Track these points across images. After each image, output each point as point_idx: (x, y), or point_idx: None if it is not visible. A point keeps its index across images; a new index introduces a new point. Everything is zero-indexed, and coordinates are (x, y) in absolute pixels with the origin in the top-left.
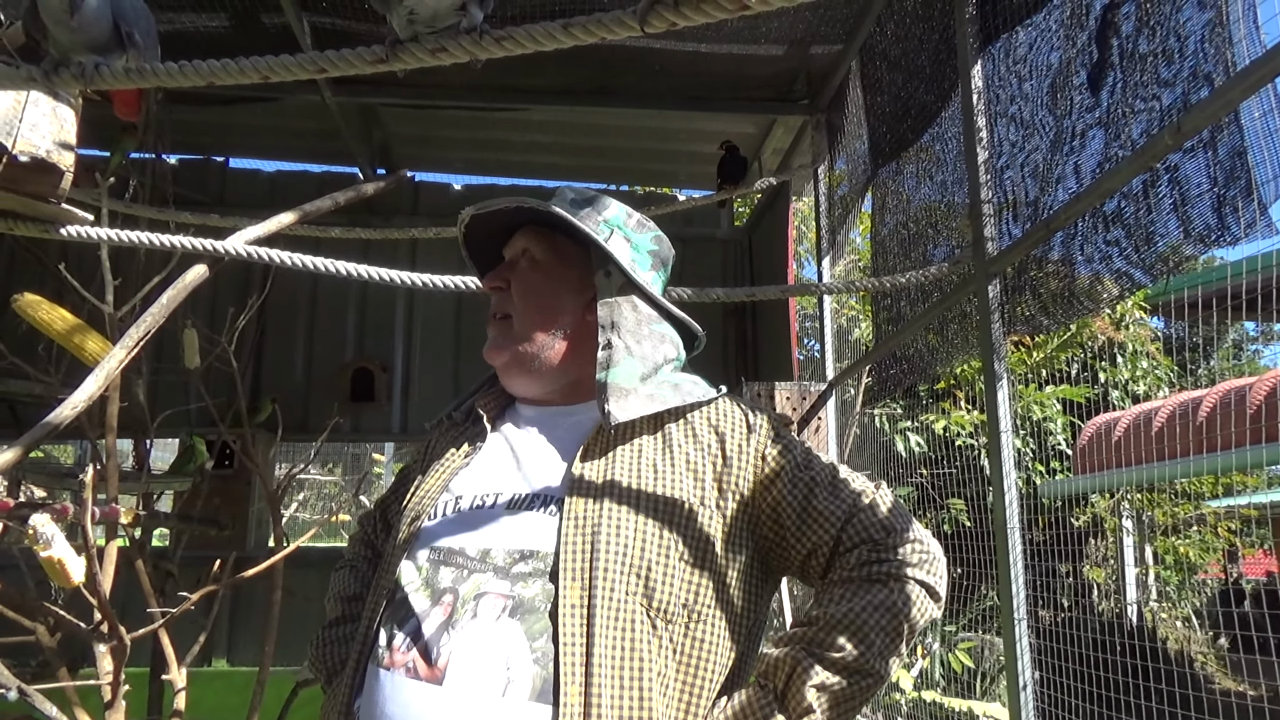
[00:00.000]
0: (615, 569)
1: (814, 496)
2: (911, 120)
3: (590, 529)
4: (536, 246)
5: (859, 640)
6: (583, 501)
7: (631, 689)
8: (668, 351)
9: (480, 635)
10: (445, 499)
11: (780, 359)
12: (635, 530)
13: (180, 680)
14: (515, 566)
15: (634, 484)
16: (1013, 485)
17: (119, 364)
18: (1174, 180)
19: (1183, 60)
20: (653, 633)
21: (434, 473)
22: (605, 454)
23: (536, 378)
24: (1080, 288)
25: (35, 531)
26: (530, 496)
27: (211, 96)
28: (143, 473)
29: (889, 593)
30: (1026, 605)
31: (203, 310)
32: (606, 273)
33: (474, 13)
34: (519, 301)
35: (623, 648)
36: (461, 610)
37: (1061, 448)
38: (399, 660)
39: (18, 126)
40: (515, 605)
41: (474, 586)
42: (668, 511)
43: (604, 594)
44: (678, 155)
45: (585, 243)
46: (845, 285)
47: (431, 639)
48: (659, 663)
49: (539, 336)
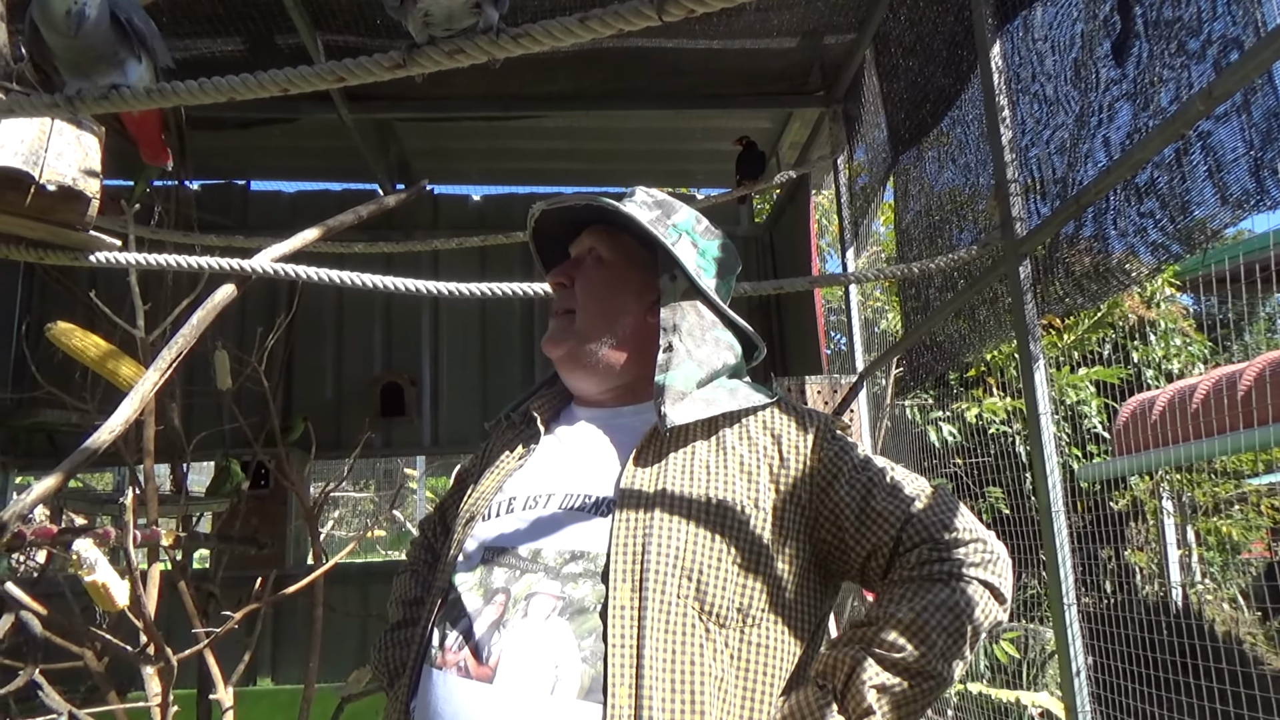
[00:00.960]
0: (666, 570)
1: (872, 497)
2: (930, 105)
3: (642, 531)
4: (603, 246)
5: (920, 641)
6: (635, 503)
7: (683, 690)
8: (727, 358)
9: (530, 634)
10: (499, 500)
11: (809, 353)
12: (687, 532)
13: (228, 699)
14: (566, 567)
15: (687, 487)
16: (1055, 468)
17: (153, 387)
18: (1207, 147)
19: (1211, 23)
20: (706, 636)
21: (489, 475)
22: (659, 457)
23: (593, 374)
24: (1115, 263)
25: (79, 557)
26: (582, 498)
27: (230, 120)
28: (181, 495)
29: (950, 592)
30: (1075, 590)
31: (232, 332)
32: (672, 276)
33: (489, 12)
34: (582, 298)
35: (673, 649)
36: (513, 610)
37: (1097, 430)
38: (451, 660)
39: (44, 156)
40: (565, 605)
41: (526, 586)
42: (720, 514)
43: (654, 595)
44: (694, 154)
45: (651, 245)
46: (872, 273)
47: (482, 638)
48: (714, 666)
49: (599, 334)
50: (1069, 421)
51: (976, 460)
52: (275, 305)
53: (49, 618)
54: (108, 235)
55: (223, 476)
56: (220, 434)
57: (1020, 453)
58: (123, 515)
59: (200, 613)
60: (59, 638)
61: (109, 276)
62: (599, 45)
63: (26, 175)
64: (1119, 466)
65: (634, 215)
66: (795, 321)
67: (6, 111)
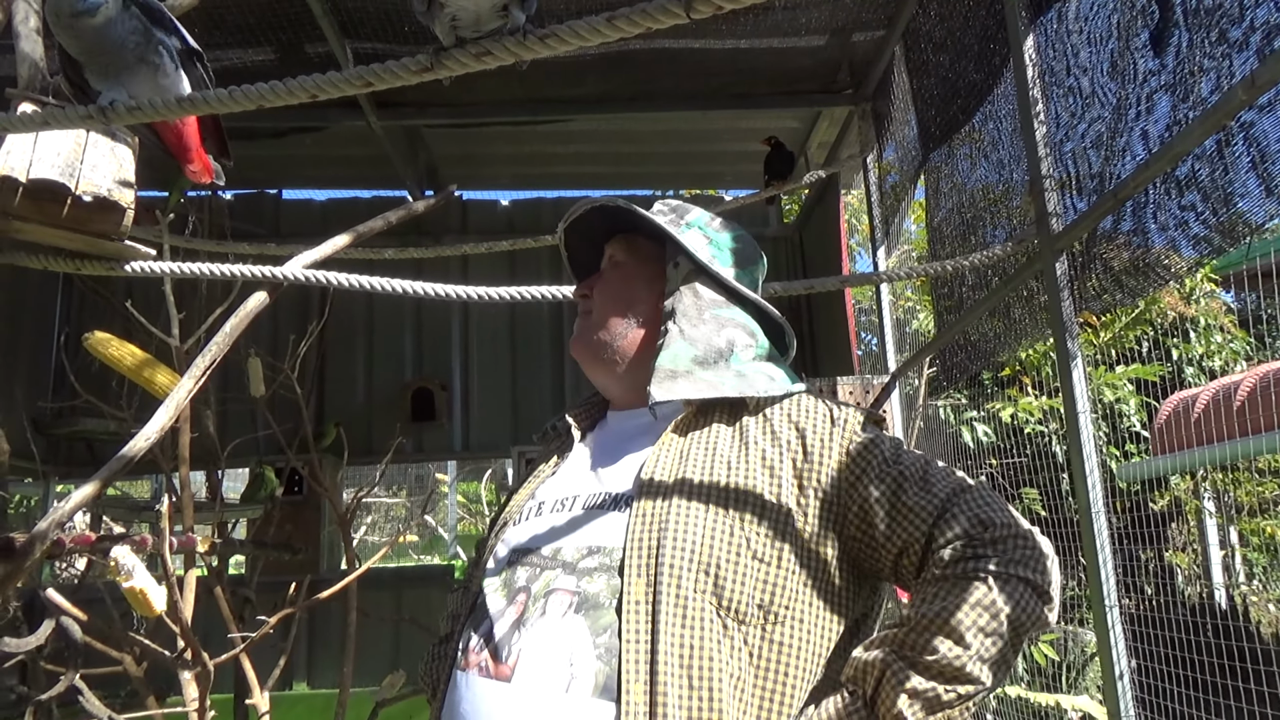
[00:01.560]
0: (681, 565)
1: (903, 491)
2: (961, 101)
3: (658, 525)
4: (620, 251)
5: (955, 642)
6: (652, 497)
7: (700, 688)
8: (735, 337)
9: (546, 632)
10: (529, 505)
11: (840, 353)
12: (704, 527)
13: (264, 704)
14: (582, 562)
15: (705, 481)
16: (1094, 468)
17: (187, 394)
18: (1250, 138)
19: (1254, 9)
20: (723, 632)
21: (526, 484)
22: (678, 452)
23: (611, 368)
24: (1154, 258)
25: (117, 564)
26: (603, 495)
27: (261, 130)
28: (216, 502)
29: (987, 590)
30: (1116, 592)
31: (265, 339)
32: (675, 264)
33: (516, 14)
34: (597, 298)
35: (689, 645)
36: (532, 608)
37: (1136, 429)
38: (474, 661)
39: (79, 168)
40: (581, 601)
41: (545, 584)
42: (740, 509)
43: (669, 590)
44: (723, 156)
45: (664, 241)
46: (905, 272)
47: (503, 638)
48: (731, 664)
49: (613, 323)
50: (1107, 420)
51: (1012, 461)
52: (307, 312)
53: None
54: (143, 245)
55: (257, 483)
56: (254, 441)
57: (1057, 452)
58: (159, 522)
59: (236, 618)
60: (99, 643)
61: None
62: (626, 48)
63: (63, 187)
64: (1159, 466)
65: (636, 208)
66: (826, 322)
67: (42, 124)
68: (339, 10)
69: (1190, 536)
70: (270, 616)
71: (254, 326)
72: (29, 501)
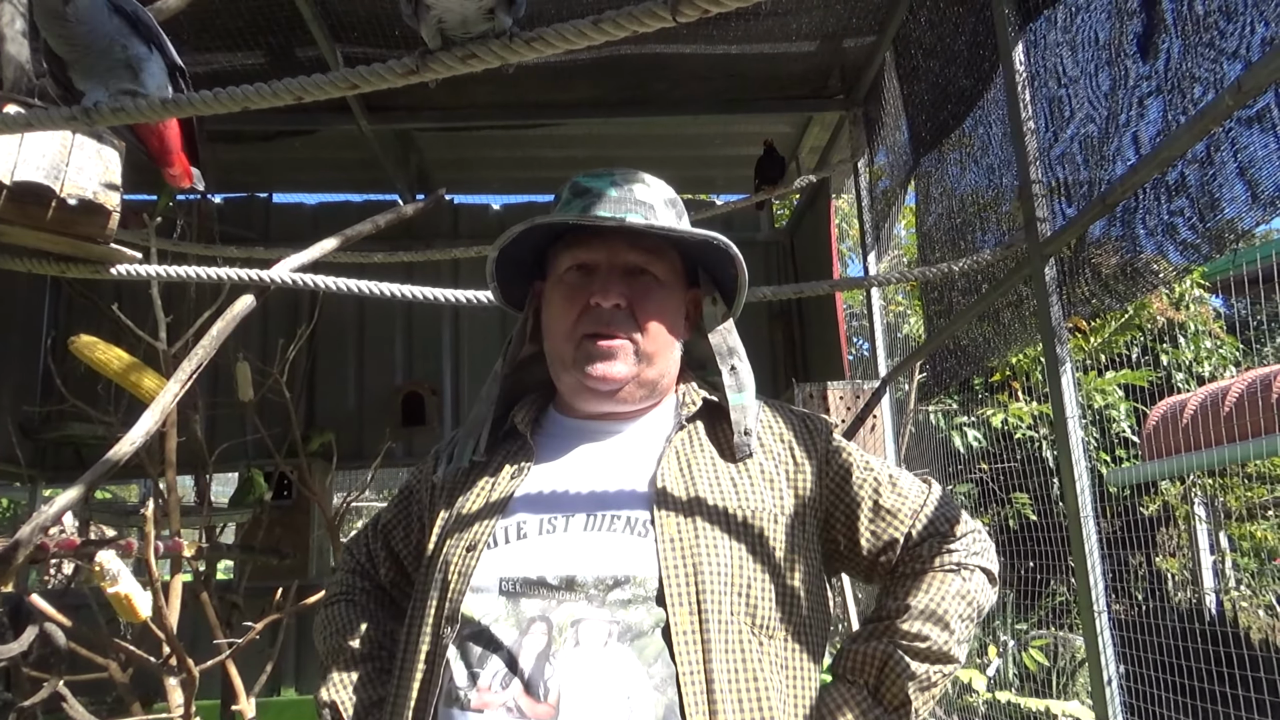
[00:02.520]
0: (720, 590)
1: (881, 495)
2: (952, 106)
3: (690, 551)
4: (657, 267)
5: (943, 628)
6: (674, 522)
7: (753, 707)
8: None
9: (590, 663)
10: (504, 525)
11: (830, 358)
12: (731, 550)
13: (250, 710)
14: (611, 593)
15: (719, 500)
16: (1084, 472)
17: (174, 397)
18: (1238, 144)
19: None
20: (760, 649)
21: (476, 497)
22: (683, 469)
23: (632, 400)
24: (1143, 263)
25: (102, 568)
26: (610, 517)
27: (250, 133)
28: (204, 507)
29: (962, 581)
30: (1106, 597)
31: (254, 343)
32: (714, 300)
33: (502, 18)
34: (646, 320)
35: (738, 669)
36: (559, 639)
37: (1126, 435)
38: (493, 700)
39: (65, 170)
40: (624, 631)
41: (568, 614)
42: (756, 527)
43: (714, 616)
44: (715, 160)
45: (681, 248)
46: (895, 276)
47: (534, 673)
48: (774, 678)
49: (661, 360)
50: (1097, 425)
51: (1002, 465)
52: (297, 317)
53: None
54: (129, 249)
55: (246, 487)
56: (243, 445)
57: (1047, 457)
58: (143, 527)
59: (223, 623)
60: (84, 649)
61: (133, 290)
62: (618, 52)
63: (47, 189)
64: (1149, 471)
65: (722, 245)
66: (817, 326)
67: (26, 126)
68: (329, 14)
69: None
70: (258, 621)
71: (243, 330)
72: (16, 507)
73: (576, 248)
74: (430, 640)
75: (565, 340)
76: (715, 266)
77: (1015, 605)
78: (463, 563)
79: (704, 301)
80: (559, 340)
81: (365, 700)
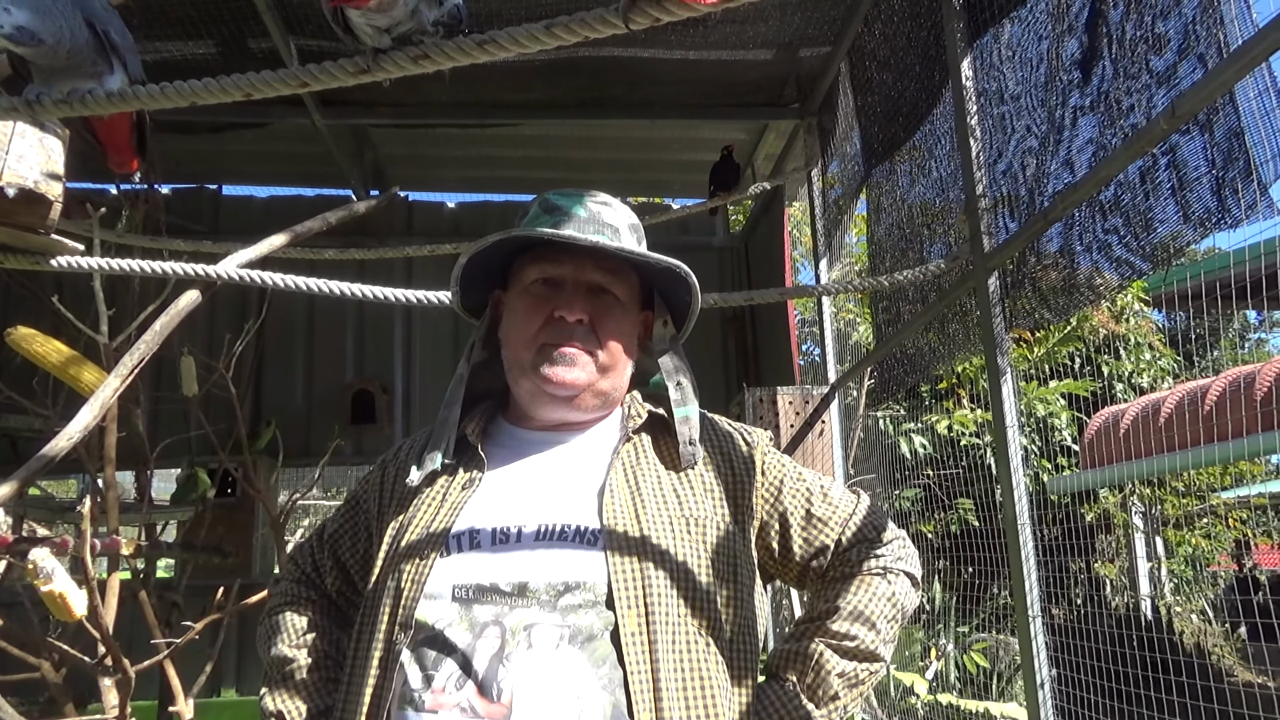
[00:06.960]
0: (667, 595)
1: (813, 504)
2: (903, 119)
3: (637, 559)
4: (619, 288)
5: (870, 628)
6: (622, 530)
7: (697, 706)
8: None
9: (542, 665)
10: (457, 534)
11: (781, 364)
12: (676, 556)
13: (188, 712)
14: (562, 599)
15: (664, 509)
16: (1021, 481)
17: (114, 393)
18: (1171, 164)
19: (1175, 42)
20: (706, 650)
21: (427, 507)
22: (629, 479)
23: (584, 410)
24: (1081, 279)
25: (35, 566)
26: (562, 527)
27: (200, 124)
28: (144, 504)
29: (888, 584)
30: (1041, 602)
31: (201, 338)
32: (665, 322)
33: (424, 14)
34: (606, 338)
35: (684, 669)
36: (513, 642)
37: (1067, 443)
38: (447, 700)
39: (4, 158)
40: (574, 633)
41: (520, 619)
42: (699, 534)
43: (661, 621)
44: (671, 165)
45: (640, 271)
46: (844, 285)
47: (487, 674)
48: (719, 677)
49: (616, 373)
50: (1039, 434)
51: (947, 472)
52: (245, 311)
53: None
54: (73, 239)
55: (189, 484)
56: (186, 441)
57: (991, 465)
58: (81, 524)
59: (162, 623)
60: (15, 649)
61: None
62: (576, 54)
63: None
64: (1088, 479)
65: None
66: (768, 331)
67: None
68: (283, 5)
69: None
70: (199, 621)
71: (188, 325)
72: None
73: (545, 262)
74: (383, 646)
75: (526, 347)
76: (670, 292)
77: (957, 609)
78: (416, 570)
79: (655, 324)
80: (519, 346)
81: (313, 709)
